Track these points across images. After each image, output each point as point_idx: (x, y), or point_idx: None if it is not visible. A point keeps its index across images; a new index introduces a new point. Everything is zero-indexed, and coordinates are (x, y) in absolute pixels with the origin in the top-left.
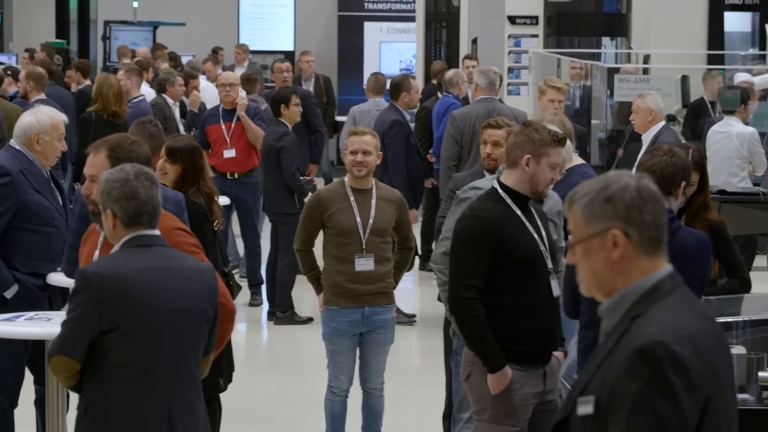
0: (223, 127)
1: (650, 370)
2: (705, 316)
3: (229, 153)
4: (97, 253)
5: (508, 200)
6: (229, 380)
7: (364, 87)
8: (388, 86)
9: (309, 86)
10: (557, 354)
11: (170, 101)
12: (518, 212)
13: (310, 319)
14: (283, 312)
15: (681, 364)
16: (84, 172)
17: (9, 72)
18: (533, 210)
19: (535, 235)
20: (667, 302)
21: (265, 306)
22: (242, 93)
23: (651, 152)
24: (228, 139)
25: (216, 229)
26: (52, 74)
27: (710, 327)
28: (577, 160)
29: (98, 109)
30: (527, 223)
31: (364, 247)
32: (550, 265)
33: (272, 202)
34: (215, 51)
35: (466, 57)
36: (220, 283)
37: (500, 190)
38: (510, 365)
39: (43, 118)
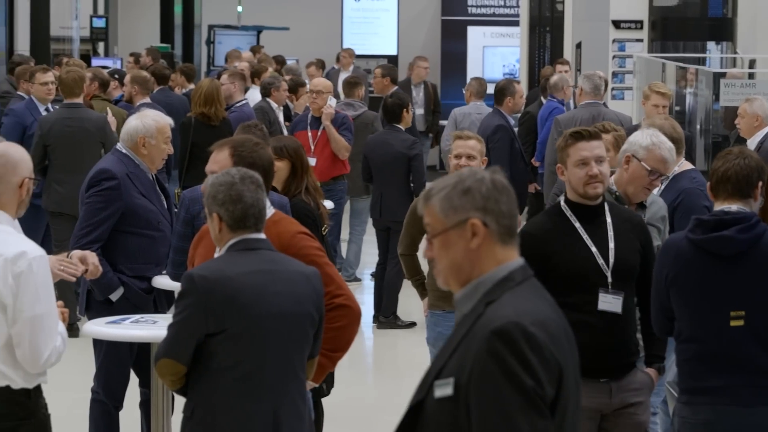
0: (309, 134)
1: (509, 349)
2: (554, 307)
3: (311, 161)
4: (216, 253)
5: (568, 213)
6: (332, 384)
7: (464, 91)
8: (488, 91)
9: (418, 92)
10: (649, 371)
11: (274, 105)
12: (576, 225)
13: (413, 324)
14: (386, 317)
15: (536, 344)
16: (206, 169)
17: (116, 76)
18: (610, 221)
19: (593, 248)
20: (519, 290)
21: (368, 310)
22: (331, 102)
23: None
24: (312, 147)
25: (324, 232)
26: (165, 79)
27: (558, 318)
28: (686, 165)
29: (193, 112)
30: (585, 237)
31: None
32: (609, 279)
33: (392, 209)
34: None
35: (558, 62)
36: (345, 287)
37: (563, 203)
38: None
39: (149, 122)
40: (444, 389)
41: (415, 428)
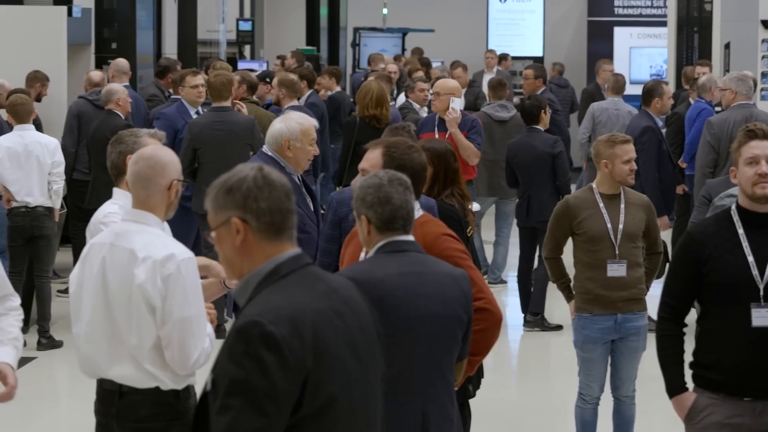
0: (436, 136)
1: (245, 347)
2: (324, 295)
3: None
4: (363, 255)
5: (736, 218)
6: (478, 386)
7: (603, 88)
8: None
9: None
10: None
11: (416, 105)
12: (740, 231)
13: (559, 327)
14: (534, 315)
15: (274, 342)
16: (359, 167)
17: (267, 79)
18: None
19: (750, 258)
20: (281, 284)
21: (513, 313)
22: (455, 105)
23: None
24: None
25: (469, 234)
26: (313, 82)
27: (328, 304)
28: None
29: (360, 113)
30: (746, 245)
31: (617, 252)
32: (761, 291)
33: (540, 209)
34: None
35: (699, 63)
36: (487, 291)
37: (733, 208)
38: (704, 392)
39: (292, 125)
40: (208, 384)
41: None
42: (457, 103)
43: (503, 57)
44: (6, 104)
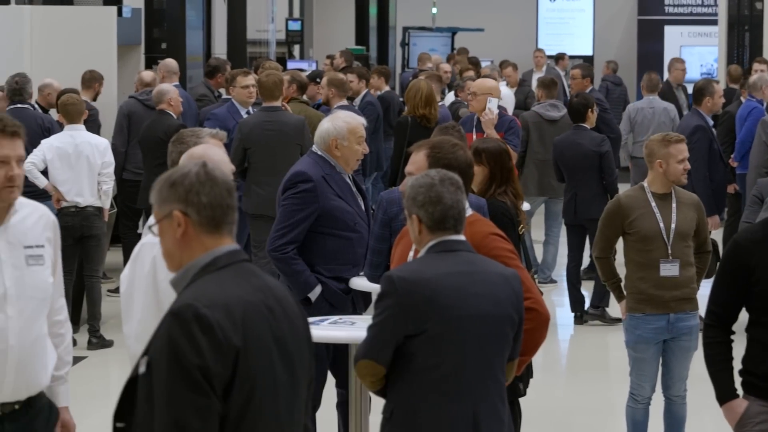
0: (475, 136)
1: (179, 329)
2: (258, 290)
3: None
4: (411, 254)
5: None
6: (527, 384)
7: (640, 86)
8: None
9: (680, 94)
10: None
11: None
12: None
13: (619, 320)
14: (595, 308)
15: (208, 324)
16: (405, 170)
17: (318, 80)
18: None
19: None
20: (218, 275)
21: (564, 312)
22: (492, 105)
23: None
24: None
25: (520, 233)
26: (368, 81)
27: (261, 298)
28: None
29: (410, 113)
30: None
31: (669, 252)
32: None
33: (587, 207)
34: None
35: (757, 60)
36: (534, 290)
37: None
38: (756, 400)
39: (339, 124)
40: (142, 366)
41: (134, 401)
42: (494, 104)
43: (560, 57)
44: (58, 104)
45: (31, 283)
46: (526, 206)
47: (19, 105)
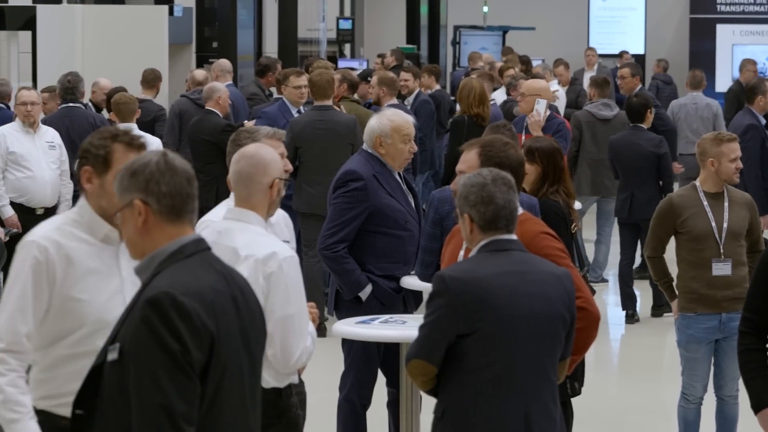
0: (524, 138)
1: (158, 316)
2: (224, 279)
3: None
4: (461, 253)
5: None
6: (582, 383)
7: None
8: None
9: None
10: None
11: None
12: None
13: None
14: (658, 307)
15: (185, 312)
16: (456, 169)
17: (369, 79)
18: None
19: None
20: (186, 263)
21: (615, 312)
22: (540, 107)
23: None
24: None
25: (573, 232)
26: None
27: (226, 288)
28: None
29: (464, 112)
30: None
31: (722, 251)
32: None
33: (642, 207)
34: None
35: None
36: (585, 290)
37: None
38: None
39: (384, 121)
40: (113, 353)
41: (98, 389)
42: (543, 105)
43: (622, 54)
44: (110, 103)
45: None
46: (577, 205)
47: (71, 104)
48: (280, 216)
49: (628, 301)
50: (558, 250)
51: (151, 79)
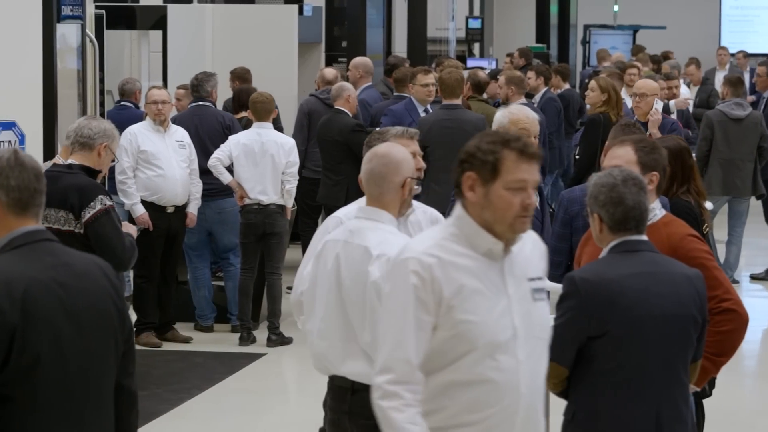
0: None
1: None
2: (50, 267)
3: None
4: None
5: None
6: (713, 385)
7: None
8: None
9: None
10: None
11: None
12: None
13: None
14: None
15: None
16: (604, 164)
17: (497, 78)
18: None
19: None
20: (9, 254)
21: (750, 313)
22: (657, 106)
23: None
24: None
25: (705, 232)
26: (548, 79)
27: (48, 276)
28: None
29: (603, 110)
30: None
31: None
32: None
33: None
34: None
35: None
36: (733, 291)
37: None
38: None
39: (505, 114)
40: None
41: None
42: (660, 104)
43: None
44: (248, 102)
45: (538, 320)
46: (709, 205)
47: (200, 103)
48: (427, 213)
49: None
50: (705, 252)
51: (243, 74)
